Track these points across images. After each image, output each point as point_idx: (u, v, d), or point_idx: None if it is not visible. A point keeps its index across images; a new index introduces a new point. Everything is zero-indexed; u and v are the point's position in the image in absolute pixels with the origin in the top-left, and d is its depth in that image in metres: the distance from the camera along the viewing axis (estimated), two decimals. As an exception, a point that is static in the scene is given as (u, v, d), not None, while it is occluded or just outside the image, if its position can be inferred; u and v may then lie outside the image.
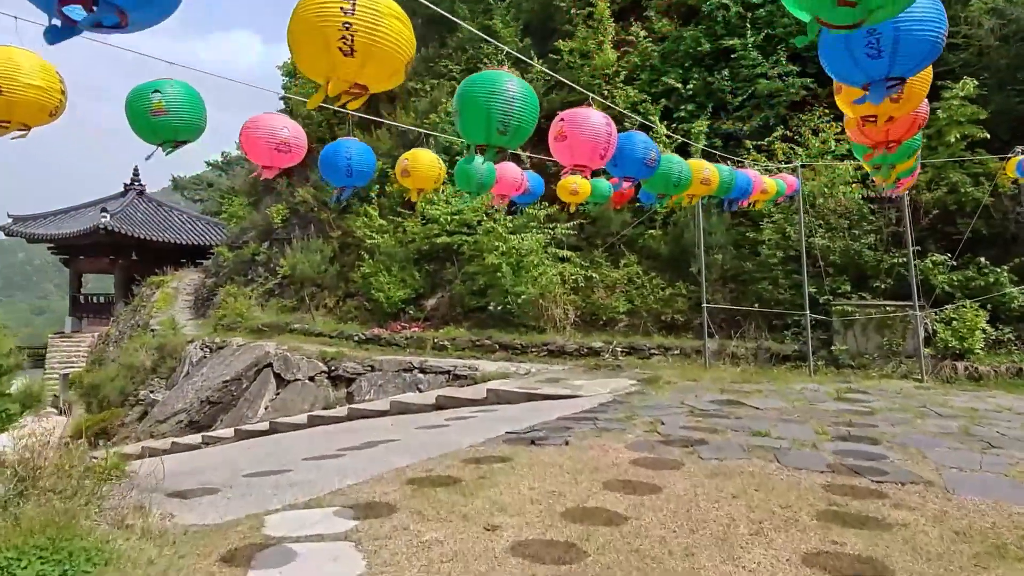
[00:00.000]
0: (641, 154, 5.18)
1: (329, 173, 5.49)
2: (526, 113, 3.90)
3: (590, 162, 4.51)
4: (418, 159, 5.96)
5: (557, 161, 4.64)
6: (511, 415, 7.59)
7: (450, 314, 14.31)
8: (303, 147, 4.77)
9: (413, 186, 5.96)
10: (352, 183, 5.42)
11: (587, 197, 7.42)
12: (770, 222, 11.36)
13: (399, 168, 6.02)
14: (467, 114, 3.90)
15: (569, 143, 4.52)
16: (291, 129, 4.64)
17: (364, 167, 5.45)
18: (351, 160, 5.37)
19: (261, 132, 4.39)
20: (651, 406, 7.43)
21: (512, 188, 6.60)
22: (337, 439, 7.41)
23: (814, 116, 12.08)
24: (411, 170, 5.86)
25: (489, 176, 6.20)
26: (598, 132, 4.50)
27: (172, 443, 11.90)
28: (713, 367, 10.39)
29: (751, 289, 11.44)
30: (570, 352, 11.80)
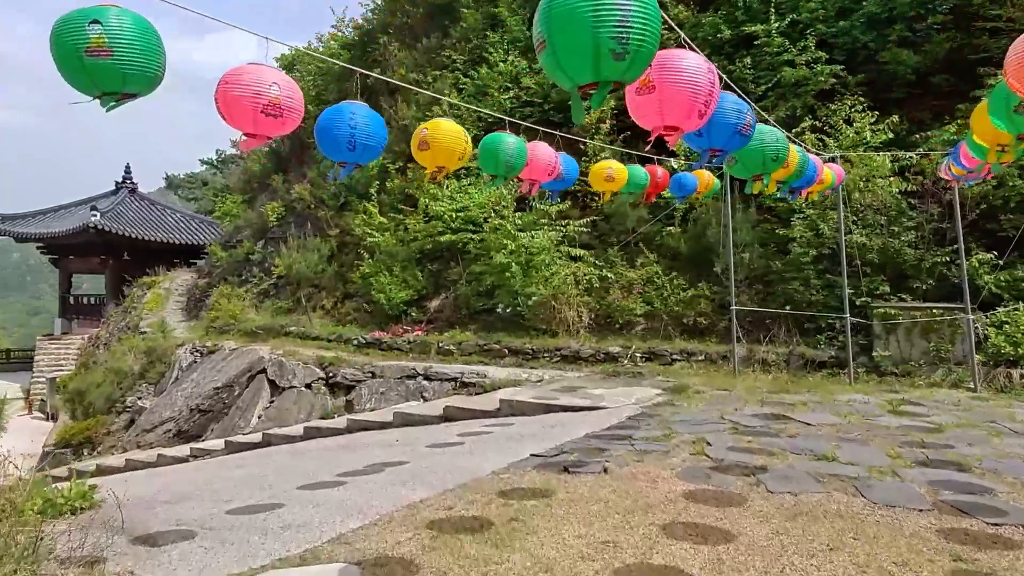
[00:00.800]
0: (733, 118, 4.17)
1: (328, 145, 4.53)
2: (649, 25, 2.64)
3: (685, 121, 3.49)
4: (440, 130, 5.11)
5: (636, 121, 3.73)
6: (531, 431, 6.80)
7: (455, 316, 13.51)
8: (298, 110, 3.88)
9: (432, 163, 5.12)
10: (356, 159, 4.50)
11: (622, 187, 6.62)
12: (800, 218, 10.58)
13: (416, 140, 5.18)
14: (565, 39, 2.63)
15: (659, 96, 3.43)
16: (283, 86, 3.70)
17: (372, 139, 4.51)
18: (355, 129, 4.41)
19: (243, 89, 3.49)
20: (687, 420, 6.65)
21: (544, 172, 5.80)
22: (336, 459, 6.62)
23: (845, 105, 11.31)
24: (431, 142, 5.02)
25: (519, 156, 5.41)
26: (698, 80, 3.47)
27: (158, 455, 11.10)
28: (742, 374, 9.61)
29: (780, 290, 10.67)
30: (585, 357, 11.01)
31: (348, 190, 17.43)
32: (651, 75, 3.33)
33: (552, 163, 5.86)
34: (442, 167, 5.10)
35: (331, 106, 4.60)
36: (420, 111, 17.00)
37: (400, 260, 14.51)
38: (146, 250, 28.90)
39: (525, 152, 5.44)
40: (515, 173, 5.53)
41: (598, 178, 6.41)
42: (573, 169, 6.43)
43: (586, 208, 13.41)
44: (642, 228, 12.16)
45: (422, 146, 5.02)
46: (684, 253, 12.01)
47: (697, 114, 3.47)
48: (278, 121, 3.70)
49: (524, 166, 5.47)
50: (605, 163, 6.60)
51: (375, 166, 16.59)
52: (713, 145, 4.10)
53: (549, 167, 5.81)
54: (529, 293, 11.96)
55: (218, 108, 3.49)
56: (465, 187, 14.14)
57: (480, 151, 5.40)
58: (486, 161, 5.44)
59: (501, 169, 5.43)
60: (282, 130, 3.82)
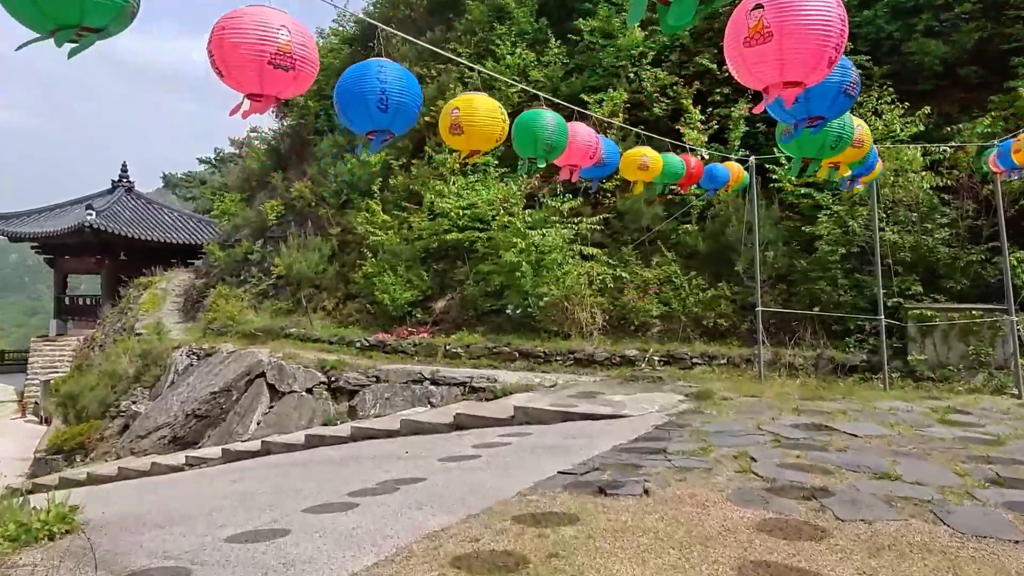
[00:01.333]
0: (837, 76, 3.43)
1: (354, 109, 3.70)
2: None
3: (812, 73, 2.82)
4: (474, 108, 4.52)
5: (741, 80, 3.12)
6: (552, 442, 6.29)
7: (462, 318, 13.00)
8: (312, 61, 3.14)
9: (466, 146, 4.56)
10: (389, 125, 3.72)
11: (656, 176, 6.10)
12: (827, 214, 10.07)
13: (446, 122, 4.60)
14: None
15: (778, 44, 2.76)
16: (293, 30, 2.97)
17: (407, 97, 3.73)
18: (387, 84, 3.62)
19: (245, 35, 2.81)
20: (721, 431, 6.14)
21: (585, 155, 5.26)
22: (342, 473, 6.10)
23: (872, 97, 10.81)
24: (464, 124, 4.45)
25: (561, 135, 4.88)
26: (827, 19, 2.76)
27: (152, 464, 10.60)
28: (768, 379, 9.11)
29: (804, 290, 10.16)
30: (600, 361, 10.50)
31: (350, 187, 16.92)
32: (766, 20, 2.75)
33: (593, 145, 5.32)
34: (475, 151, 4.55)
35: (352, 65, 3.93)
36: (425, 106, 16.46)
37: (404, 259, 14.00)
38: (143, 250, 28.36)
39: (567, 131, 4.90)
40: (555, 155, 4.98)
41: (631, 166, 5.89)
42: (614, 153, 5.88)
43: (598, 205, 12.91)
44: (659, 226, 11.64)
45: (454, 130, 4.46)
46: (702, 252, 11.50)
47: (827, 62, 2.85)
48: (289, 75, 3.01)
49: (565, 148, 4.93)
50: (639, 150, 6.08)
51: (378, 161, 16.09)
52: (813, 111, 3.49)
53: (590, 149, 5.28)
54: (540, 293, 11.45)
55: (213, 63, 2.84)
56: (472, 183, 13.62)
57: (515, 131, 4.86)
58: (522, 142, 4.89)
59: (540, 151, 4.88)
60: (294, 87, 3.14)
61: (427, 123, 16.19)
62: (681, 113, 12.52)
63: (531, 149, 4.89)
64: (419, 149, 16.39)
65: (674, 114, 12.80)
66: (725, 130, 11.93)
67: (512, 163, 14.26)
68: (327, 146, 19.00)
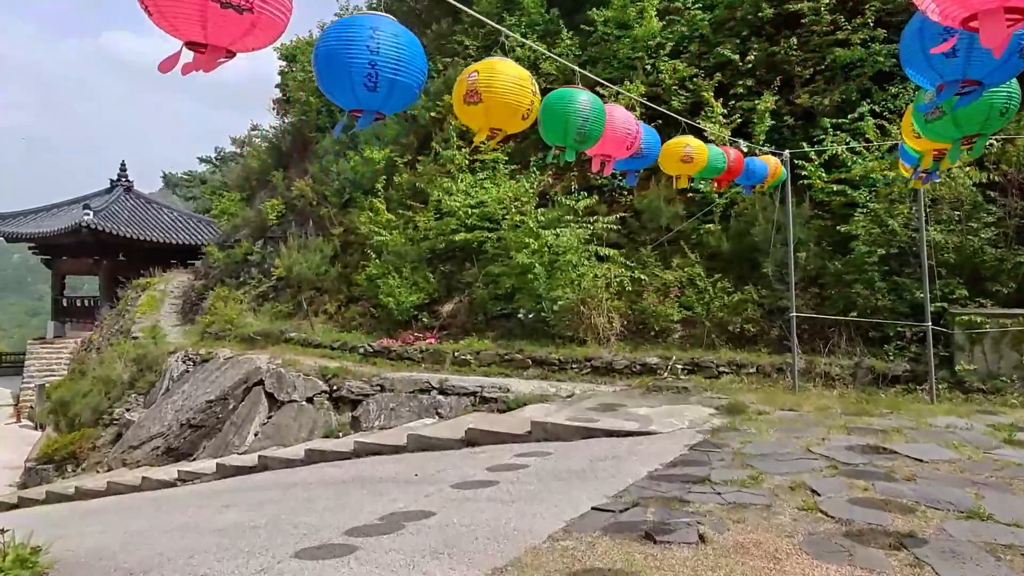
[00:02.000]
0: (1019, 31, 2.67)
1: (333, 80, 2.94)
2: None
3: None
4: (496, 74, 3.69)
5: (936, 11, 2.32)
6: (576, 465, 5.65)
7: (470, 322, 12.36)
8: (281, 6, 2.32)
9: (484, 121, 3.74)
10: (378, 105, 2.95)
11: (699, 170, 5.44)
12: (864, 212, 9.40)
13: (461, 90, 3.77)
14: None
15: None
16: None
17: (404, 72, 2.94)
18: (378, 59, 2.86)
19: None
20: (767, 454, 5.50)
21: (622, 144, 4.60)
22: (344, 501, 5.47)
23: (908, 87, 10.15)
24: (484, 92, 3.64)
25: (597, 119, 4.22)
26: None
27: (143, 479, 9.99)
28: (803, 390, 8.46)
29: (839, 293, 9.49)
30: (619, 369, 9.85)
31: (352, 185, 16.30)
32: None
33: (632, 133, 4.67)
34: (498, 130, 3.83)
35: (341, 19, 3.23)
36: (429, 100, 15.89)
37: (410, 261, 13.36)
38: (142, 250, 27.79)
39: (604, 115, 4.25)
40: (590, 144, 4.31)
41: (673, 159, 5.24)
42: (654, 143, 5.22)
43: (614, 203, 12.26)
44: (680, 225, 10.97)
45: (471, 98, 3.72)
46: (725, 253, 10.85)
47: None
48: (244, 20, 2.21)
49: (600, 136, 4.27)
50: (681, 139, 5.43)
51: (382, 159, 15.46)
52: (970, 74, 2.78)
53: (628, 137, 4.62)
54: (554, 297, 10.80)
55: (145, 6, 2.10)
56: (481, 181, 12.99)
57: (543, 114, 4.17)
58: (551, 127, 4.23)
59: (571, 138, 4.21)
60: (252, 38, 2.32)
61: (433, 119, 15.65)
62: (701, 106, 11.86)
63: (560, 136, 4.20)
64: (424, 146, 15.77)
65: (693, 107, 12.13)
66: (748, 124, 11.26)
67: (524, 160, 13.68)
68: (329, 143, 18.39)
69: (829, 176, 10.18)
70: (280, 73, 24.23)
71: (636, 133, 4.66)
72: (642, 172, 11.99)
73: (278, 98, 24.78)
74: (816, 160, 10.21)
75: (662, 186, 11.58)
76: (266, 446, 10.29)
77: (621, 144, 4.53)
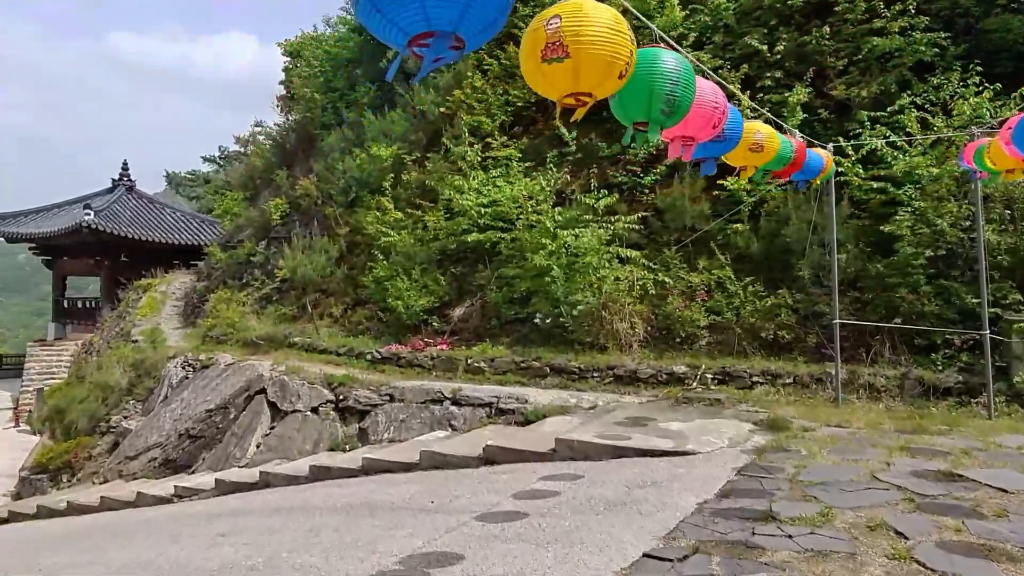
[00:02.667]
0: None
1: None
2: None
3: None
4: (585, 18, 2.86)
5: None
6: (612, 493, 5.04)
7: (483, 327, 11.76)
8: None
9: (571, 83, 2.88)
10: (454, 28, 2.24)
11: (767, 161, 4.82)
12: (909, 211, 8.77)
13: (536, 45, 2.94)
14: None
15: None
16: None
17: None
18: None
19: None
20: (828, 482, 4.89)
21: (707, 123, 3.94)
22: (354, 531, 4.88)
23: (952, 78, 9.54)
24: (571, 42, 2.81)
25: (687, 89, 3.56)
26: None
27: (137, 495, 9.45)
28: (846, 403, 7.84)
29: (880, 298, 8.87)
30: (644, 378, 9.25)
31: (359, 184, 15.71)
32: None
33: (720, 107, 3.98)
34: (587, 95, 3.06)
35: None
36: (439, 95, 15.30)
37: (419, 262, 12.77)
38: (144, 251, 27.28)
39: (694, 83, 3.57)
40: (679, 117, 3.59)
41: (740, 147, 4.59)
42: (737, 122, 4.53)
43: (634, 202, 11.64)
44: (708, 225, 10.35)
45: (552, 52, 2.82)
46: (754, 254, 10.23)
47: None
48: None
49: (691, 106, 3.57)
50: (751, 124, 4.79)
51: (389, 156, 14.88)
52: None
53: (715, 113, 3.93)
54: (573, 301, 10.19)
55: None
56: (493, 179, 12.39)
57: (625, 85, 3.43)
58: (631, 98, 3.46)
59: (657, 110, 3.49)
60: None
61: (443, 115, 15.05)
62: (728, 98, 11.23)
63: (643, 108, 3.47)
64: (434, 143, 15.19)
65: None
66: (778, 118, 10.59)
67: (539, 156, 13.06)
68: (335, 140, 17.82)
69: (867, 173, 9.56)
70: (284, 69, 23.70)
71: (724, 108, 3.96)
72: (664, 168, 11.50)
73: (282, 95, 24.24)
74: (853, 156, 9.58)
75: (686, 184, 10.98)
76: (268, 459, 9.72)
77: (707, 121, 3.83)
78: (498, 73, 14.31)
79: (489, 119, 13.72)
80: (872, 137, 9.48)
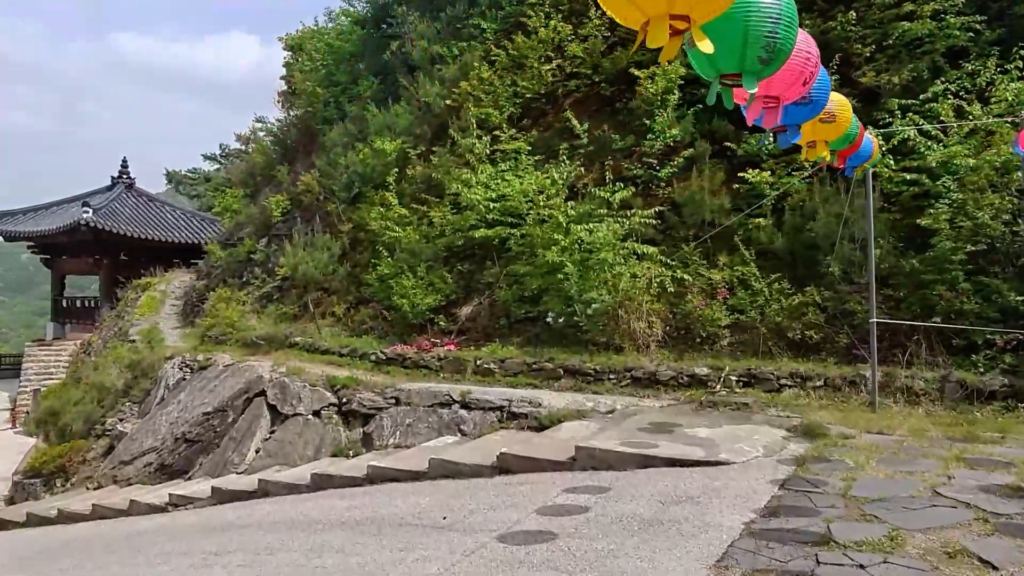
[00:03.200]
0: None
1: None
2: None
3: None
4: None
5: None
6: (646, 511, 4.57)
7: (492, 327, 11.28)
8: None
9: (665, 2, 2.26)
10: None
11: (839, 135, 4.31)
12: (946, 203, 8.27)
13: None
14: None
15: None
16: None
17: None
18: None
19: None
20: (886, 499, 4.40)
21: (797, 79, 3.40)
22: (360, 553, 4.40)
23: (988, 64, 9.05)
24: None
25: (788, 33, 3.03)
26: None
27: (131, 502, 8.99)
28: (883, 407, 7.34)
29: (915, 295, 8.38)
30: (663, 381, 8.76)
31: (362, 179, 15.24)
32: None
33: (812, 61, 3.39)
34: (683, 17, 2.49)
35: None
36: (444, 87, 14.82)
37: (424, 259, 12.29)
38: (144, 249, 26.85)
39: (797, 22, 3.03)
40: (778, 64, 3.06)
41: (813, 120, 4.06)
42: (824, 83, 3.96)
43: (649, 196, 11.15)
44: (729, 220, 9.85)
45: None
46: (777, 250, 9.73)
47: None
48: None
49: (791, 51, 3.04)
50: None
51: (393, 150, 14.41)
52: None
53: (806, 69, 3.37)
54: (588, 299, 9.71)
55: None
56: (502, 172, 11.92)
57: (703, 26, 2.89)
58: (721, 44, 2.87)
59: (753, 59, 2.94)
60: None
61: (449, 107, 14.58)
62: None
63: (735, 55, 2.90)
64: (439, 136, 14.71)
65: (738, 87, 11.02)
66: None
67: (548, 150, 12.58)
68: (337, 135, 17.35)
69: (897, 164, 9.06)
70: (285, 64, 23.24)
71: (816, 61, 3.38)
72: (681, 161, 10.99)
73: (283, 90, 23.77)
74: (884, 146, 9.08)
75: (705, 177, 10.49)
76: (268, 465, 9.25)
77: (797, 77, 3.27)
78: (506, 64, 13.82)
79: (497, 111, 13.24)
80: (904, 126, 8.98)
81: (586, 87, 13.03)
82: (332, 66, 20.10)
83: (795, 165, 10.05)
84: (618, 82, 12.43)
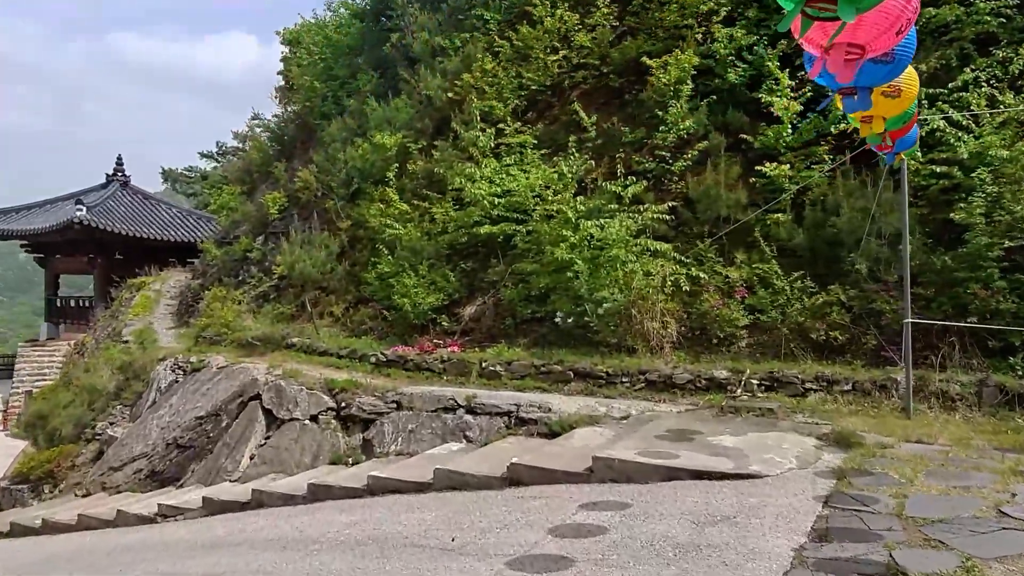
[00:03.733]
0: None
1: None
2: None
3: None
4: None
5: None
6: (678, 532, 4.11)
7: (497, 327, 10.83)
8: None
9: None
10: None
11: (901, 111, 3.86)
12: (980, 196, 7.82)
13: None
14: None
15: None
16: None
17: None
18: None
19: None
20: (947, 519, 3.96)
21: (891, 26, 2.82)
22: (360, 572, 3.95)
23: (1020, 51, 8.60)
24: None
25: None
26: None
27: (117, 512, 8.53)
28: (918, 414, 6.89)
29: (947, 294, 7.93)
30: (680, 384, 8.30)
31: (361, 175, 14.78)
32: None
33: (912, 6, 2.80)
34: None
35: None
36: (446, 80, 14.36)
37: (426, 257, 11.83)
38: (139, 248, 26.39)
39: None
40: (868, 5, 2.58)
41: (876, 91, 3.61)
42: (912, 40, 3.44)
43: (661, 190, 10.71)
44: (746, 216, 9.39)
45: None
46: (798, 247, 9.27)
47: None
48: None
49: None
50: None
51: (394, 144, 13.94)
52: None
53: (903, 15, 2.76)
54: (599, 298, 9.25)
55: None
56: (507, 166, 11.46)
57: None
58: None
59: None
60: None
61: (451, 100, 14.13)
62: (761, 79, 10.33)
63: None
64: (441, 131, 14.26)
65: (753, 80, 10.60)
66: (821, 97, 9.71)
67: (555, 144, 12.13)
68: (335, 130, 16.88)
69: (925, 156, 8.61)
70: (282, 59, 22.77)
71: (915, 7, 2.78)
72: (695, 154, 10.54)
73: (280, 86, 23.30)
74: (913, 136, 8.62)
75: (720, 171, 10.04)
76: (263, 472, 8.80)
77: (892, 25, 2.68)
78: (510, 55, 13.36)
79: (501, 104, 12.78)
80: (932, 115, 8.53)
81: (594, 78, 12.57)
82: (331, 60, 19.64)
83: (815, 158, 9.64)
84: (627, 73, 11.98)
